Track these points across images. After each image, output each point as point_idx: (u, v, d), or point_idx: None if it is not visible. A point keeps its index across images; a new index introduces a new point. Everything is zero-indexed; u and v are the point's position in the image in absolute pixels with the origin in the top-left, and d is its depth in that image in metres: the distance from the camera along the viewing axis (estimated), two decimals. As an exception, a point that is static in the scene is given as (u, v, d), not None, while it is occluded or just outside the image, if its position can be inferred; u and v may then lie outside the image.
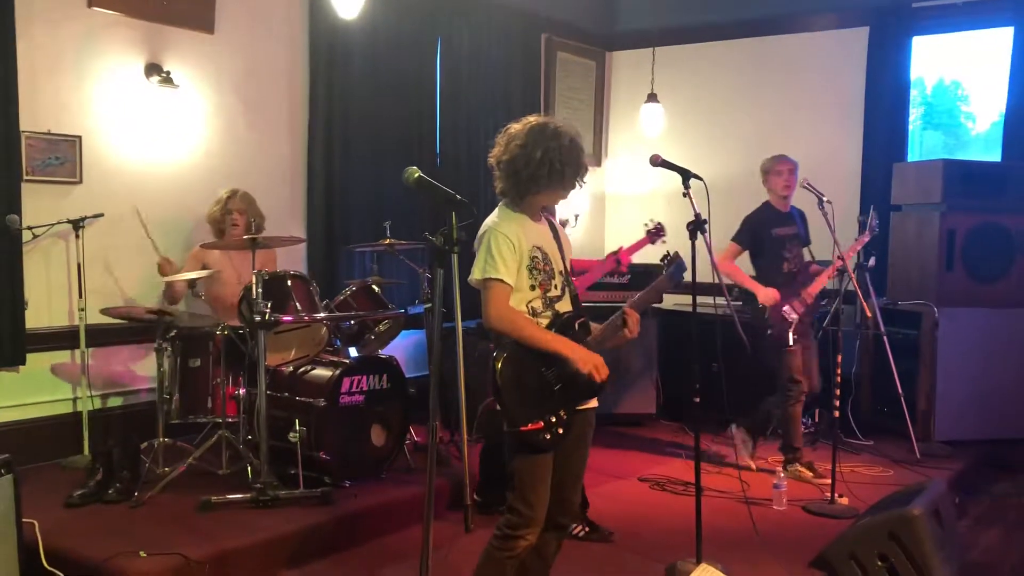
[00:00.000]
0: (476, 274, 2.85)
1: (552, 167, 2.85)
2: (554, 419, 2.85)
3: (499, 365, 2.82)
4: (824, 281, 5.05)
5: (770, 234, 5.14)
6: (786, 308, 4.98)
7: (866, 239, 5.17)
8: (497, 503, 4.37)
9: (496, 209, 2.99)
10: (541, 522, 2.90)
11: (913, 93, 6.78)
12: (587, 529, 4.17)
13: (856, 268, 5.31)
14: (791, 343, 4.94)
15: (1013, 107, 6.21)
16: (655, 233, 4.74)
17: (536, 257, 2.92)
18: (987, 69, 6.79)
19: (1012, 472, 5.58)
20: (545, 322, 2.92)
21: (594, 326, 3.06)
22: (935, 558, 3.47)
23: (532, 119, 2.96)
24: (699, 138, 7.37)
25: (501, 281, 2.82)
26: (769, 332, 5.03)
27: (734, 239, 5.20)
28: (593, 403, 3.03)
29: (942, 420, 5.75)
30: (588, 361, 2.85)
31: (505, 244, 2.83)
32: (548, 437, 2.83)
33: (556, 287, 2.98)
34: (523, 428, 2.77)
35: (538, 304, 2.92)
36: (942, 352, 5.75)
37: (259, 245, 4.26)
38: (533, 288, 2.91)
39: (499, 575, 2.90)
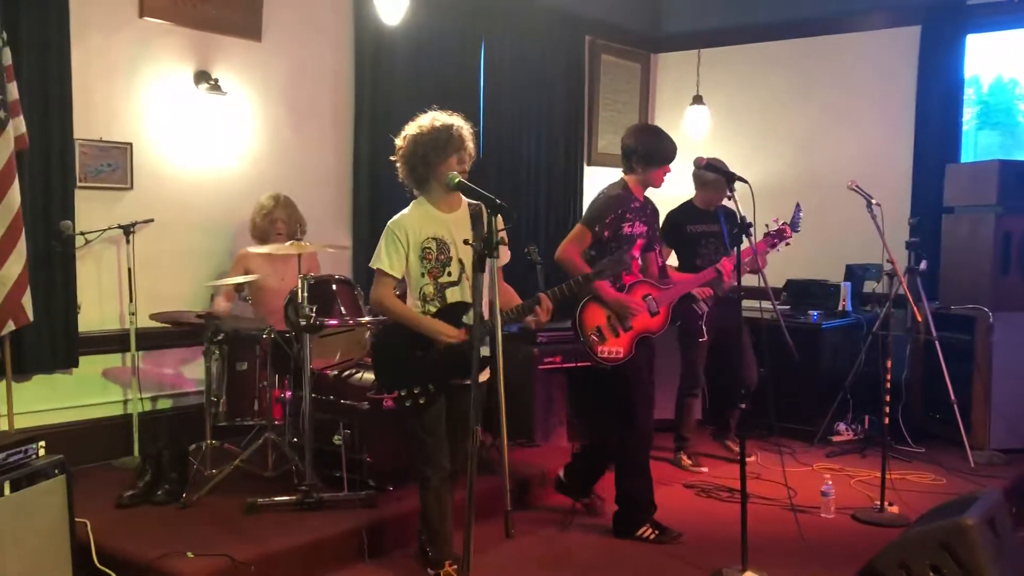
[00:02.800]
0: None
1: (424, 155, 3.38)
2: (417, 390, 3.36)
3: (376, 339, 3.46)
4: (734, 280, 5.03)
5: (684, 230, 5.21)
6: (698, 302, 5.05)
7: (789, 236, 5.03)
8: (584, 494, 4.46)
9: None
10: (443, 464, 3.45)
11: (968, 92, 6.62)
12: (656, 532, 4.15)
13: (906, 271, 5.22)
14: (703, 336, 5.08)
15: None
16: (775, 236, 4.72)
17: (428, 248, 3.41)
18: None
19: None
20: (434, 308, 3.41)
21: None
22: (990, 569, 3.38)
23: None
24: (745, 140, 7.29)
25: (382, 271, 3.38)
26: (678, 323, 5.09)
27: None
28: (484, 375, 3.38)
29: (997, 428, 5.61)
30: (440, 333, 3.35)
31: (391, 238, 3.41)
32: (408, 405, 3.37)
33: (451, 274, 3.43)
34: (373, 396, 3.35)
35: (429, 290, 3.43)
36: (997, 358, 5.61)
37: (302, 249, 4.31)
38: (423, 275, 3.42)
39: (424, 503, 3.53)
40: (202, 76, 5.00)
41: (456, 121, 3.46)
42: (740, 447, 3.69)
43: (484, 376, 3.39)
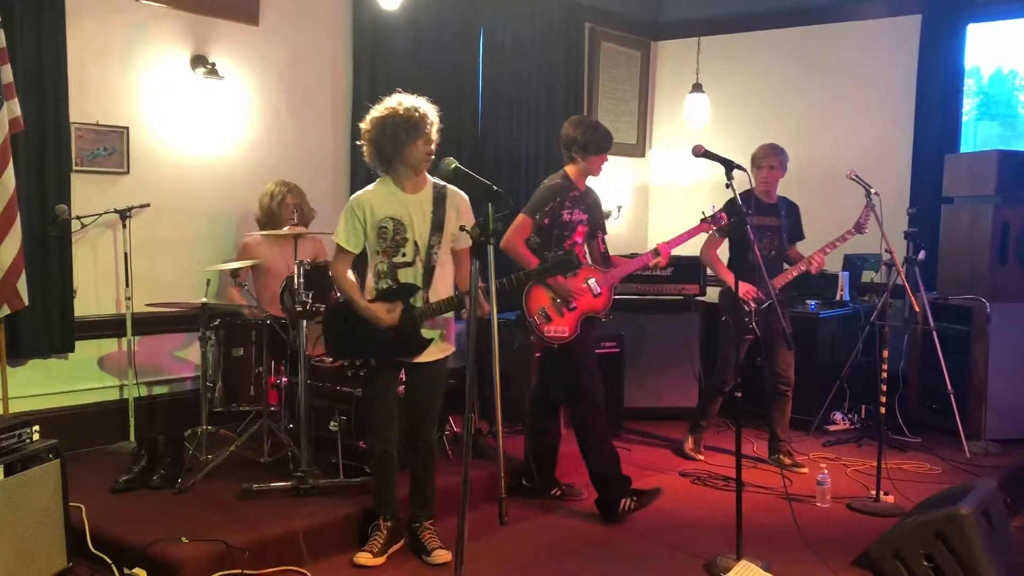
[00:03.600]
0: None
1: (393, 135, 3.45)
2: (359, 362, 3.56)
3: (328, 310, 3.75)
4: (789, 277, 4.97)
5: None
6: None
7: (848, 237, 4.98)
8: (547, 487, 4.46)
9: None
10: (385, 436, 3.62)
11: (969, 83, 6.60)
12: (635, 499, 4.23)
13: (904, 261, 5.20)
14: (753, 335, 4.71)
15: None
16: (713, 220, 4.59)
17: (385, 227, 3.51)
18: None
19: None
20: (385, 286, 3.53)
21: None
22: (984, 559, 3.39)
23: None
24: (745, 129, 7.26)
25: (340, 247, 3.51)
26: (724, 319, 5.05)
27: None
28: (434, 355, 3.59)
29: (993, 418, 5.62)
30: (374, 318, 3.49)
31: (350, 214, 3.53)
32: (349, 374, 3.61)
33: (405, 255, 3.52)
34: (326, 362, 3.70)
35: (382, 267, 3.54)
36: (994, 348, 5.62)
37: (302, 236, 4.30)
38: (378, 253, 3.54)
39: (373, 472, 3.77)
40: (199, 60, 4.97)
41: (423, 104, 3.51)
42: (736, 434, 3.68)
43: (431, 356, 3.59)
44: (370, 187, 3.61)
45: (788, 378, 5.14)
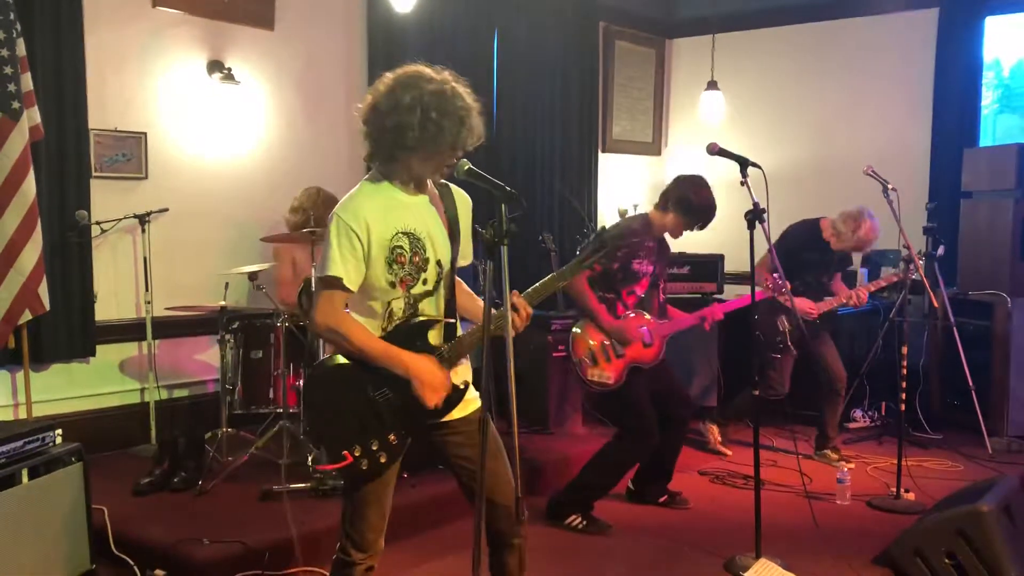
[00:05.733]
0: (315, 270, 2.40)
1: (425, 116, 2.36)
2: (376, 446, 2.45)
3: (307, 383, 2.52)
4: (827, 307, 5.04)
5: (799, 257, 5.07)
6: (780, 319, 4.98)
7: (894, 279, 5.10)
8: (653, 495, 4.42)
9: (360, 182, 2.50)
10: (372, 546, 2.61)
11: (988, 75, 6.53)
12: (585, 522, 4.16)
13: (924, 257, 5.17)
14: (779, 354, 4.97)
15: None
16: (776, 288, 4.47)
17: (400, 248, 2.41)
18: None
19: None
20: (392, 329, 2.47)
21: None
22: (1006, 556, 3.36)
23: (407, 67, 2.51)
24: (761, 126, 7.24)
25: (337, 281, 2.35)
26: (757, 333, 5.00)
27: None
28: (474, 404, 2.61)
29: (1015, 414, 5.57)
30: (427, 380, 2.42)
31: (345, 234, 2.35)
32: (365, 467, 2.45)
33: (427, 282, 2.47)
34: (330, 466, 2.40)
35: (399, 305, 2.46)
36: (1015, 343, 5.56)
37: (318, 238, 4.31)
38: (393, 286, 2.43)
39: None
40: (215, 65, 5.01)
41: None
42: (754, 432, 3.68)
43: (470, 406, 2.62)
44: (358, 191, 2.46)
45: (843, 377, 5.19)
